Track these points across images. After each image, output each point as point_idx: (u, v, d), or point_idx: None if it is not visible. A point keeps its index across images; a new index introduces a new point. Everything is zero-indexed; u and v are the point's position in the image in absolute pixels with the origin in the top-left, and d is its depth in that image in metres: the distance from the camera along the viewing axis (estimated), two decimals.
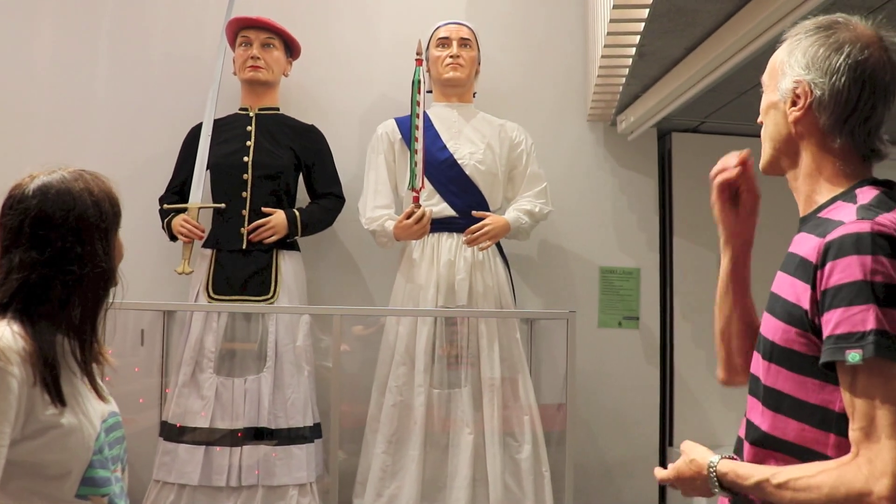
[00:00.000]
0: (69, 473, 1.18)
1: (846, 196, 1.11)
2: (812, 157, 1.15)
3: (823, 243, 1.03)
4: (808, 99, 1.12)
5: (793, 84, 1.14)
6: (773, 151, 1.20)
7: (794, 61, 1.14)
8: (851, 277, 0.98)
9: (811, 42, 1.13)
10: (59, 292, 1.21)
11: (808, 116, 1.13)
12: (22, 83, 3.12)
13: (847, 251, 1.00)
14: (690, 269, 3.18)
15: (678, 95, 2.52)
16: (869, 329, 0.96)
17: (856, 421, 0.99)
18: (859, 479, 0.97)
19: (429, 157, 2.72)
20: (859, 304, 0.97)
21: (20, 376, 1.13)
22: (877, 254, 0.98)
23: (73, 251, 1.21)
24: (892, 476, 0.95)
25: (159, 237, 2.87)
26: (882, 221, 1.01)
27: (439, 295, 2.70)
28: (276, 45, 2.88)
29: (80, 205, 1.23)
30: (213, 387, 2.64)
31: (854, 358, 0.96)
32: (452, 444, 2.64)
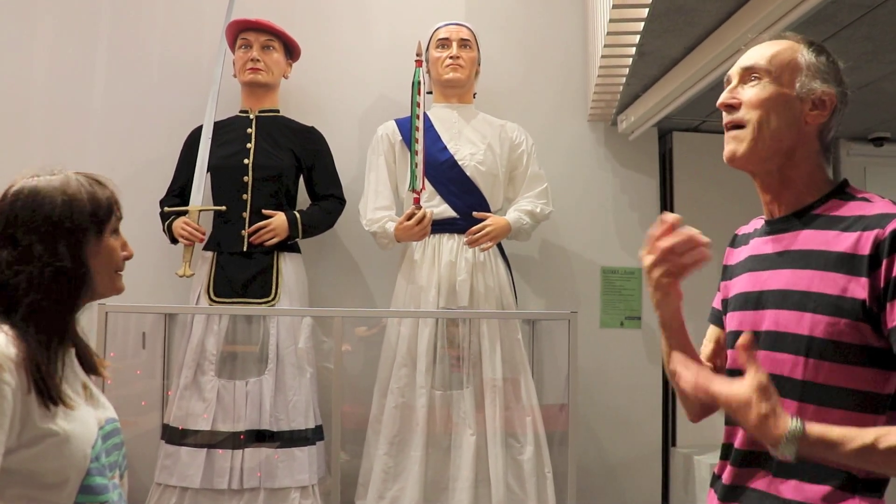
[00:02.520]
0: (67, 481, 1.16)
1: (840, 195, 1.19)
2: (809, 158, 1.21)
3: (885, 234, 1.07)
4: (831, 107, 1.20)
5: (823, 89, 1.19)
6: (772, 142, 1.19)
7: (823, 67, 1.20)
8: None
9: (826, 58, 1.22)
10: (21, 292, 1.18)
11: (826, 122, 1.21)
12: (21, 86, 3.12)
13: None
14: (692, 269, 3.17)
15: (678, 95, 2.52)
16: None
17: None
18: None
19: (429, 158, 2.72)
20: None
21: (14, 383, 1.11)
22: None
23: (32, 250, 1.19)
24: None
25: (160, 240, 2.87)
26: None
27: (440, 296, 2.69)
28: (276, 47, 2.88)
29: (47, 204, 1.21)
30: (214, 389, 2.64)
31: None
32: (454, 445, 2.64)
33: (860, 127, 3.20)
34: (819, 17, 1.98)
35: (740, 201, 3.17)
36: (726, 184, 3.17)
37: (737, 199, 3.15)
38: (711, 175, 3.19)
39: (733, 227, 3.53)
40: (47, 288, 1.19)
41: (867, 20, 2.05)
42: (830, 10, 1.95)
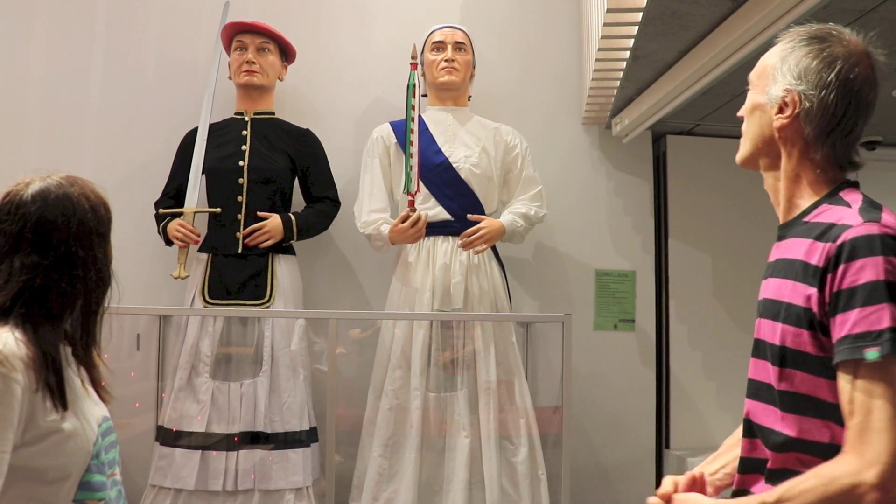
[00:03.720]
0: (68, 478, 1.19)
1: (831, 199, 1.14)
2: (794, 163, 1.18)
3: (833, 247, 1.05)
4: (796, 109, 1.15)
5: (783, 92, 1.16)
6: (752, 149, 1.23)
7: (786, 69, 1.16)
8: (865, 278, 1.01)
9: (805, 52, 1.15)
10: (62, 295, 1.22)
11: (793, 125, 1.16)
12: (17, 88, 3.12)
13: (859, 253, 1.02)
14: (686, 272, 3.19)
15: (672, 98, 2.53)
16: (885, 327, 0.99)
17: (854, 417, 1.00)
18: (849, 472, 0.98)
19: (424, 160, 2.72)
20: (875, 304, 1.00)
21: (24, 383, 1.14)
22: (888, 255, 1.01)
23: (76, 255, 1.23)
24: (882, 465, 0.96)
25: (155, 242, 2.87)
26: (887, 223, 1.05)
27: (435, 298, 2.70)
28: (271, 50, 2.89)
29: (79, 210, 1.25)
30: (209, 391, 2.64)
31: (872, 356, 0.98)
32: (449, 447, 2.64)
33: None
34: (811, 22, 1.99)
35: (734, 204, 3.21)
36: (720, 187, 3.19)
37: (731, 202, 3.18)
38: (705, 178, 3.20)
39: (726, 230, 3.57)
40: (95, 292, 1.25)
41: (858, 25, 2.06)
42: (822, 15, 1.96)
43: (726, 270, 3.17)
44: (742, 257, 3.13)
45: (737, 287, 3.12)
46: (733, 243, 3.16)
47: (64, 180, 1.27)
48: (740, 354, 1.52)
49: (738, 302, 3.11)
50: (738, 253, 3.15)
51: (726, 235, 3.18)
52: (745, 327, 2.95)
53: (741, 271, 3.12)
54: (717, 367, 3.11)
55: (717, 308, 3.15)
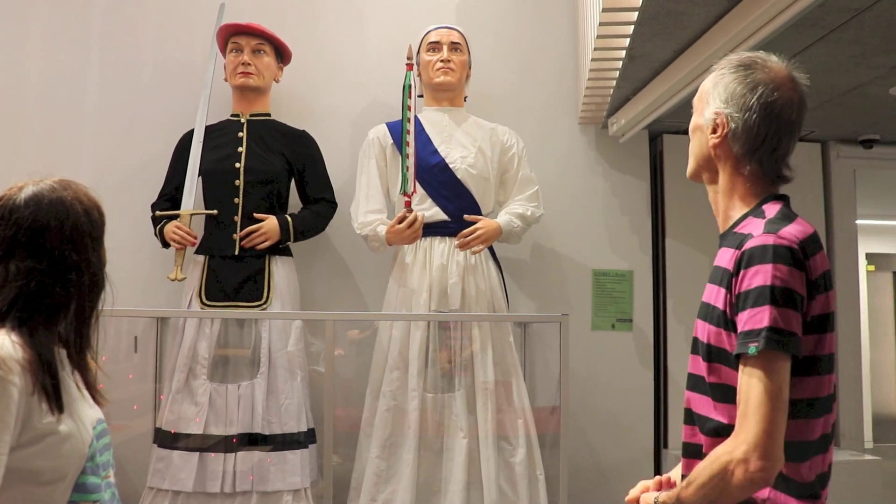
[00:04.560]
0: (63, 479, 1.19)
1: (755, 212, 1.27)
2: (728, 177, 1.32)
3: (738, 254, 1.20)
4: (724, 129, 1.28)
5: (713, 115, 1.30)
6: (696, 165, 1.38)
7: (716, 94, 1.30)
8: (756, 283, 1.15)
9: (732, 78, 1.29)
10: (56, 299, 1.22)
11: (724, 144, 1.29)
12: (13, 90, 3.11)
13: (755, 261, 1.17)
14: (683, 271, 3.19)
15: (668, 98, 2.53)
16: (764, 326, 1.13)
17: (741, 404, 1.14)
18: (726, 451, 1.14)
19: (420, 161, 2.72)
20: (760, 305, 1.14)
21: (20, 385, 1.15)
22: (777, 262, 1.15)
23: (69, 259, 1.23)
24: (747, 444, 1.11)
25: (152, 244, 2.87)
26: (784, 234, 1.18)
27: (432, 299, 2.70)
28: (267, 51, 2.88)
29: (72, 214, 1.25)
30: (206, 393, 2.64)
31: (752, 350, 1.13)
32: (447, 448, 2.64)
33: (849, 129, 3.22)
34: (806, 22, 2.00)
35: None
36: None
37: None
38: None
39: None
40: (89, 295, 1.26)
41: (854, 24, 2.07)
42: (818, 13, 1.97)
43: None
44: None
45: None
46: None
47: (57, 184, 1.27)
48: None
49: None
50: None
51: None
52: None
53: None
54: None
55: None
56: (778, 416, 1.11)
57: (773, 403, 1.11)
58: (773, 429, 1.11)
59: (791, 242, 1.17)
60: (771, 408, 1.11)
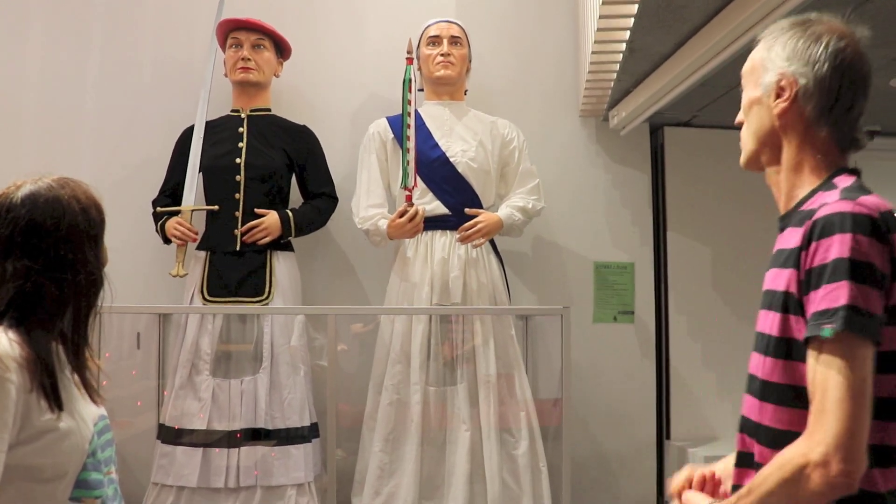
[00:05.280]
0: (64, 476, 1.20)
1: (825, 186, 1.13)
2: (795, 150, 1.17)
3: (810, 224, 1.05)
4: (793, 89, 1.14)
5: (777, 77, 1.15)
6: (756, 146, 1.22)
7: (774, 56, 1.17)
8: (832, 255, 1.01)
9: (789, 36, 1.16)
10: (53, 299, 1.22)
11: (793, 107, 1.15)
12: (13, 88, 3.11)
13: (830, 231, 1.02)
14: (684, 263, 3.19)
15: (669, 90, 2.53)
16: (841, 304, 0.98)
17: (814, 398, 1.00)
18: (799, 453, 0.99)
19: (421, 155, 2.72)
20: (836, 281, 0.99)
21: (18, 383, 1.15)
22: (856, 232, 1.00)
23: (65, 258, 1.23)
24: (826, 445, 0.96)
25: (153, 241, 2.88)
26: (864, 202, 1.03)
27: (433, 293, 2.70)
28: (267, 46, 2.88)
29: (69, 212, 1.24)
30: (209, 389, 2.65)
31: (826, 332, 0.98)
32: (449, 441, 2.65)
33: None
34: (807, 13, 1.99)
35: (732, 196, 3.20)
36: (718, 178, 3.19)
37: (729, 193, 3.18)
38: (703, 170, 3.20)
39: (725, 221, 3.56)
40: (86, 294, 1.25)
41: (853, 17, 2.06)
42: (818, 5, 1.96)
43: (725, 261, 3.17)
44: (741, 248, 3.13)
45: (736, 278, 3.12)
46: (732, 234, 3.17)
47: (55, 182, 1.26)
48: (740, 345, 1.52)
49: (737, 292, 3.11)
50: (736, 244, 3.15)
51: (725, 226, 3.18)
52: (744, 318, 2.96)
53: (740, 262, 3.12)
54: (717, 357, 3.11)
55: (717, 299, 3.15)
56: (862, 413, 0.97)
57: (856, 398, 0.96)
58: (856, 427, 0.96)
59: (871, 211, 1.02)
60: (854, 403, 0.96)
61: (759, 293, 1.19)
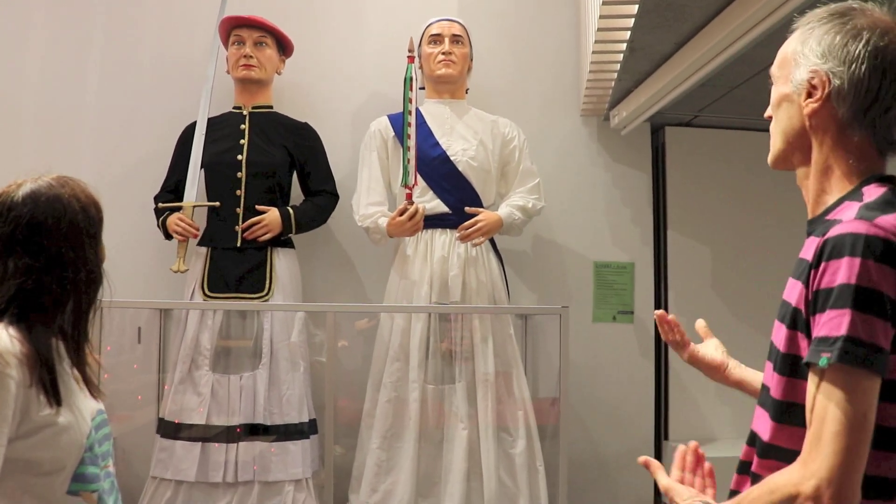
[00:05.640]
0: (62, 469, 1.21)
1: (853, 195, 1.06)
2: (826, 152, 1.09)
3: (822, 242, 0.99)
4: (825, 89, 1.06)
5: (809, 74, 1.07)
6: (784, 146, 1.14)
7: (808, 50, 1.08)
8: (839, 280, 0.95)
9: (826, 30, 1.07)
10: (54, 296, 1.24)
11: (825, 108, 1.07)
12: (15, 85, 3.13)
13: (839, 252, 0.96)
14: (684, 263, 3.19)
15: (670, 90, 2.52)
16: (842, 334, 0.93)
17: (812, 424, 0.96)
18: (791, 482, 0.95)
19: (421, 153, 2.73)
20: (839, 308, 0.95)
21: (18, 378, 1.17)
22: (866, 257, 0.94)
23: (66, 256, 1.25)
24: (819, 479, 0.92)
25: (155, 236, 2.89)
26: (880, 223, 0.96)
27: (433, 291, 2.71)
28: (269, 44, 2.89)
29: (69, 211, 1.26)
30: (209, 384, 2.66)
31: (823, 362, 0.94)
32: (447, 438, 2.66)
33: None
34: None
35: (733, 196, 3.21)
36: (719, 179, 3.19)
37: (730, 193, 3.18)
38: (704, 170, 3.20)
39: (725, 222, 3.55)
40: (86, 291, 1.27)
41: None
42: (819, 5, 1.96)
43: (725, 262, 3.17)
44: (741, 249, 3.14)
45: (736, 278, 3.12)
46: (732, 235, 3.17)
47: (55, 181, 1.28)
48: (739, 346, 1.52)
49: (736, 293, 3.11)
50: (736, 244, 3.15)
51: (725, 227, 3.18)
52: (744, 319, 2.96)
53: (740, 263, 3.12)
54: None
55: (716, 300, 3.15)
56: (859, 449, 0.92)
57: (853, 432, 0.92)
58: (852, 463, 0.92)
59: (888, 234, 0.95)
60: (851, 438, 0.92)
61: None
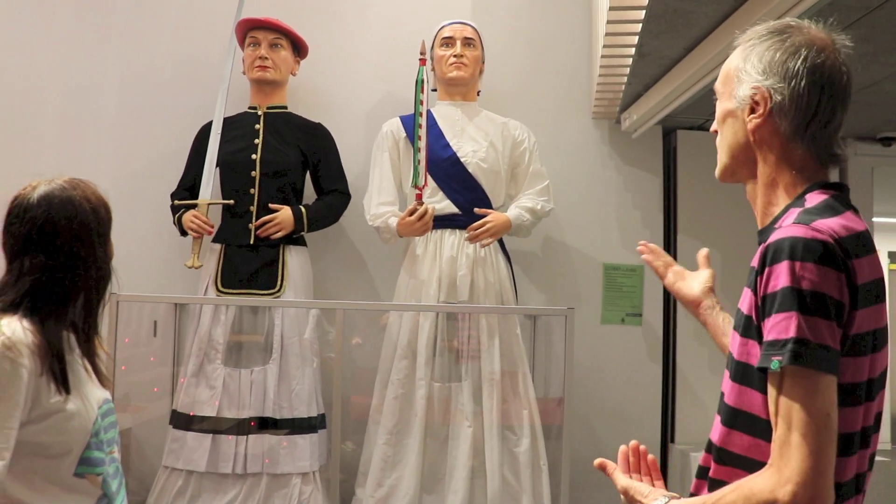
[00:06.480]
0: (69, 453, 1.29)
1: (796, 202, 1.09)
2: (770, 166, 1.13)
3: (764, 248, 1.02)
4: (767, 105, 1.09)
5: (751, 90, 1.10)
6: (730, 160, 1.18)
7: (750, 67, 1.11)
8: (782, 284, 0.97)
9: (766, 47, 1.10)
10: (66, 291, 1.33)
11: (768, 123, 1.10)
12: (36, 84, 3.21)
13: (780, 257, 0.98)
14: (694, 267, 3.15)
15: (679, 95, 2.53)
16: (790, 336, 0.95)
17: (777, 428, 0.97)
18: (767, 488, 0.95)
19: (432, 154, 2.76)
20: (785, 311, 0.96)
21: (29, 367, 1.25)
22: (806, 260, 0.96)
23: (77, 254, 1.33)
24: (795, 484, 0.93)
25: (171, 233, 2.95)
26: (818, 227, 0.99)
27: (441, 290, 2.74)
28: (284, 45, 2.94)
29: (81, 212, 1.34)
30: (220, 377, 2.72)
31: (774, 365, 0.95)
32: (452, 436, 2.69)
33: (867, 127, 3.19)
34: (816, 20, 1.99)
35: (744, 200, 3.17)
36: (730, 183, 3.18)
37: (740, 198, 3.15)
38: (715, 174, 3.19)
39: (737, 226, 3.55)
40: (96, 287, 1.35)
41: (865, 22, 2.05)
42: (827, 12, 1.96)
43: (735, 266, 3.14)
44: (750, 253, 3.08)
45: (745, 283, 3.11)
46: (742, 239, 3.15)
47: (67, 184, 1.36)
48: None
49: None
50: (746, 249, 3.09)
51: (735, 231, 3.17)
52: None
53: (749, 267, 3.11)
54: (724, 362, 3.10)
55: (725, 304, 3.13)
56: (829, 449, 0.94)
57: (821, 432, 0.93)
58: (824, 464, 0.93)
59: (825, 236, 0.97)
60: (820, 438, 0.93)
61: None
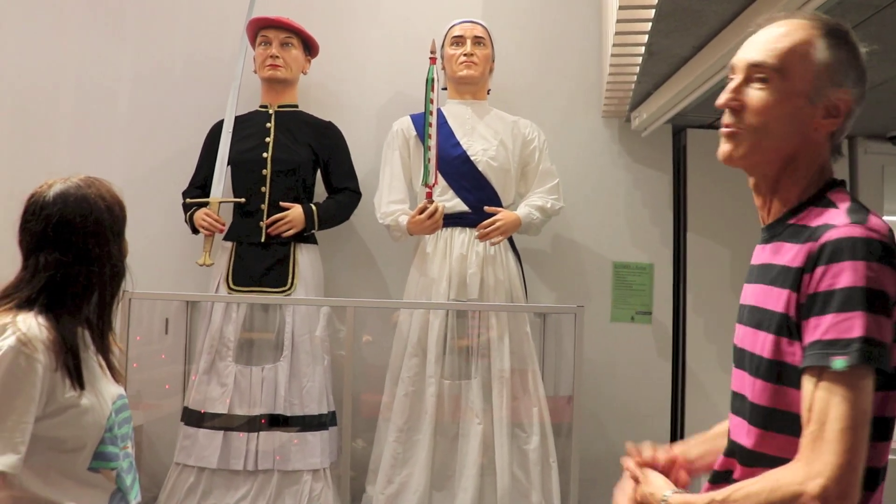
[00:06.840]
0: (83, 448, 1.31)
1: (818, 201, 1.08)
2: (805, 162, 1.10)
3: (815, 247, 1.00)
4: (846, 113, 1.08)
5: (841, 94, 1.07)
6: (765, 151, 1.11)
7: (842, 67, 1.07)
8: (844, 283, 0.96)
9: (845, 52, 1.07)
10: (80, 288, 1.35)
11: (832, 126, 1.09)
12: (49, 84, 3.25)
13: (841, 256, 0.97)
14: (704, 265, 3.19)
15: (689, 93, 2.53)
16: (856, 336, 0.94)
17: (810, 424, 0.96)
18: (795, 481, 0.94)
19: (442, 153, 2.77)
20: (849, 311, 0.95)
21: (45, 362, 1.27)
22: (870, 260, 0.96)
23: (92, 252, 1.35)
24: (825, 478, 0.92)
25: (183, 231, 2.98)
26: (874, 226, 0.99)
27: (451, 288, 2.75)
28: (295, 44, 2.96)
29: (96, 210, 1.37)
30: (232, 375, 2.74)
31: (839, 364, 0.94)
32: (462, 433, 2.71)
33: (878, 125, 3.17)
34: None
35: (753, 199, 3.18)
36: (740, 181, 3.13)
37: (749, 196, 3.15)
38: (725, 172, 3.13)
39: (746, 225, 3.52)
40: (110, 284, 1.37)
41: (875, 21, 2.05)
42: (837, 11, 1.95)
43: (744, 264, 3.12)
44: None
45: None
46: (752, 237, 3.11)
47: (82, 182, 1.38)
48: None
49: None
50: None
51: (745, 229, 3.15)
52: None
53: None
54: None
55: (735, 301, 3.07)
56: (863, 448, 0.93)
57: (859, 431, 0.93)
58: (857, 462, 0.93)
59: (883, 237, 0.98)
60: (856, 436, 0.93)
61: None
